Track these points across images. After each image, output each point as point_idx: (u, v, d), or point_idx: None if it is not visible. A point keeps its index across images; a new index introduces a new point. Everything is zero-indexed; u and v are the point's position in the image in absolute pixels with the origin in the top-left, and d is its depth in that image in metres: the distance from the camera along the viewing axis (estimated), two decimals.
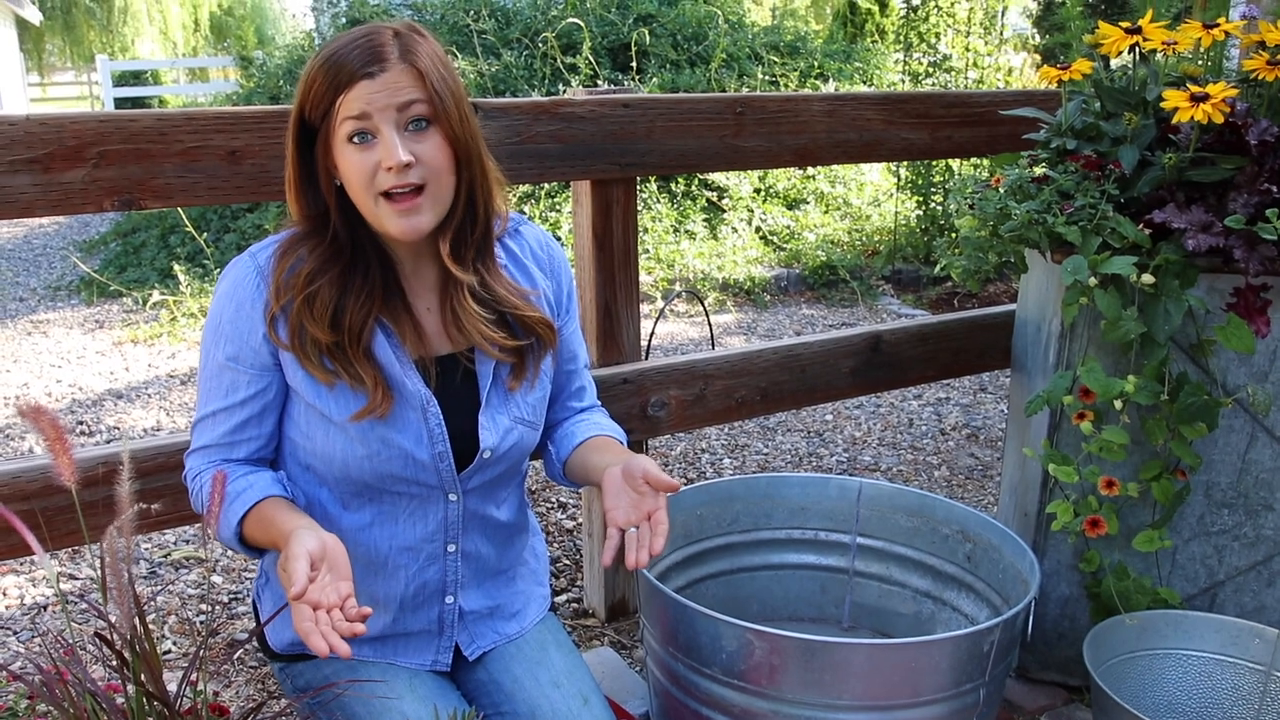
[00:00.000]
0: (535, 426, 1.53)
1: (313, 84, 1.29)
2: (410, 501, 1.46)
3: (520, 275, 1.50)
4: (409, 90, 1.28)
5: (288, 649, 1.55)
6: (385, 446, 1.39)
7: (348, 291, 1.35)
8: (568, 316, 1.59)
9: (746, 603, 2.09)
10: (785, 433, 3.50)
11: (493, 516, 1.55)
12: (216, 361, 1.39)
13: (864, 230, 6.17)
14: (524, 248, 1.53)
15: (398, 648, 1.54)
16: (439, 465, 1.43)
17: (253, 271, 1.37)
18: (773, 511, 2.10)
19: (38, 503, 1.61)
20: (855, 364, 2.34)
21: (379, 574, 1.49)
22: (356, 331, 1.35)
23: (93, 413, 3.82)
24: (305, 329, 1.34)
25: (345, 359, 1.35)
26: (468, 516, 1.51)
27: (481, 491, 1.51)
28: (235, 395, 1.39)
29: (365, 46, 1.28)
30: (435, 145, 1.30)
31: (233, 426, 1.40)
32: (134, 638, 1.23)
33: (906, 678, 1.56)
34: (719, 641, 1.60)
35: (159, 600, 2.37)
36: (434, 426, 1.41)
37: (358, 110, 1.27)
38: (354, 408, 1.36)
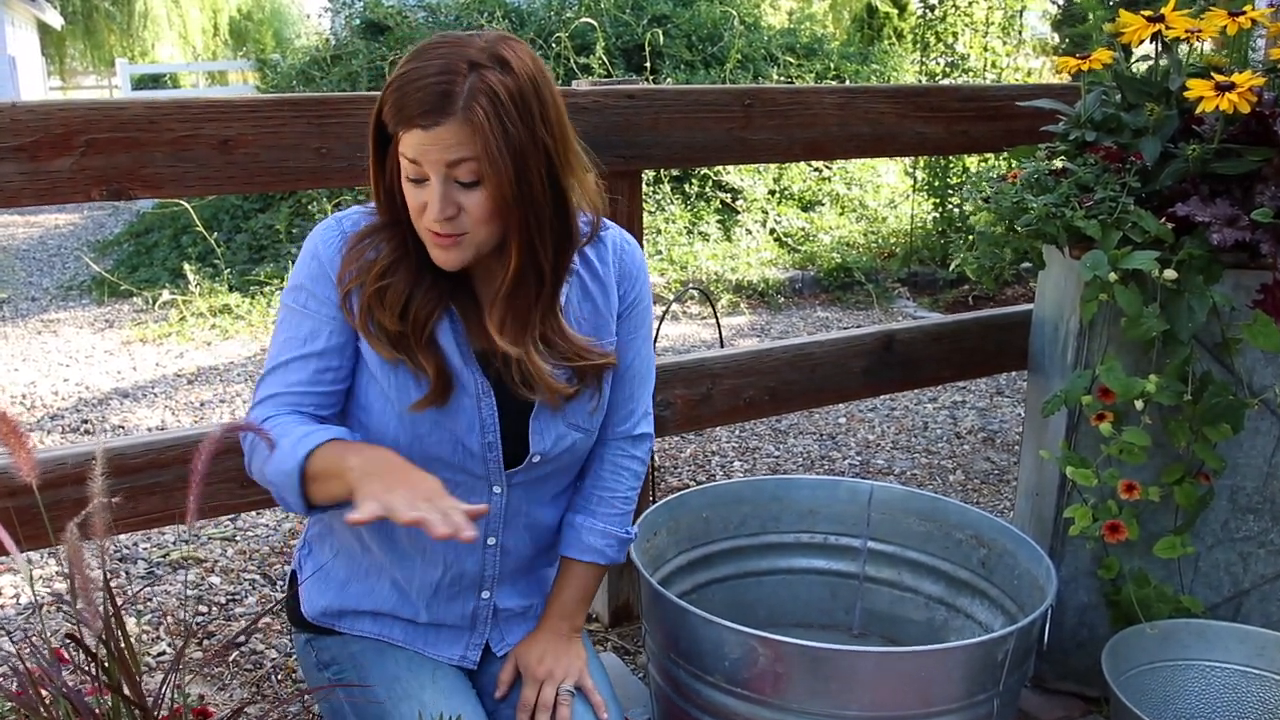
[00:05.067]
0: (590, 434, 1.50)
1: (385, 102, 1.27)
2: (455, 489, 1.41)
3: (596, 291, 1.46)
4: (460, 149, 1.23)
5: (319, 618, 1.54)
6: (437, 429, 1.39)
7: (418, 286, 1.35)
8: (629, 328, 1.52)
9: (754, 608, 2.04)
10: (797, 435, 3.44)
11: (538, 515, 1.53)
12: (301, 308, 1.37)
13: (880, 232, 6.11)
14: (604, 256, 1.47)
15: (428, 638, 1.53)
16: (487, 456, 1.42)
17: (337, 236, 1.38)
18: (781, 514, 2.05)
19: (12, 501, 1.57)
20: (867, 364, 2.28)
21: (417, 559, 1.48)
22: (422, 323, 1.35)
23: (98, 411, 3.79)
24: (374, 315, 1.35)
25: (409, 348, 1.35)
26: (511, 512, 1.49)
27: (528, 488, 1.49)
28: (316, 344, 1.36)
29: (431, 89, 1.22)
30: (480, 202, 1.27)
31: (309, 375, 1.36)
32: (109, 638, 1.18)
33: (917, 687, 1.50)
34: (722, 648, 1.54)
35: (155, 601, 2.33)
36: (487, 417, 1.41)
37: (411, 154, 1.25)
38: (413, 392, 1.37)
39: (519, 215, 1.28)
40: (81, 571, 1.10)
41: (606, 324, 1.48)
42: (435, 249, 1.30)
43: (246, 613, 2.27)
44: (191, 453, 1.69)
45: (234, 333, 4.82)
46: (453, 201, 1.26)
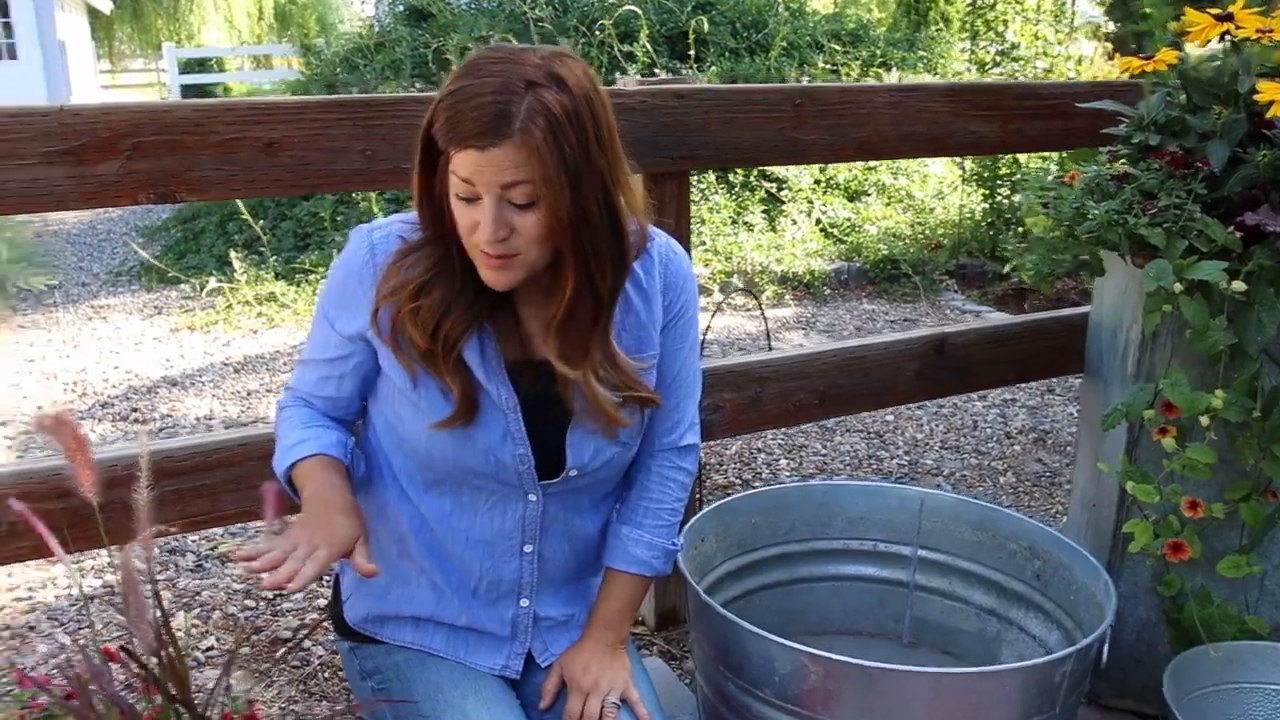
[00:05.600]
0: (630, 448, 1.48)
1: (436, 117, 1.24)
2: (490, 496, 1.44)
3: (639, 303, 1.44)
4: (516, 171, 1.21)
5: (361, 624, 1.55)
6: (468, 442, 1.38)
7: (455, 304, 1.33)
8: (674, 338, 1.49)
9: (803, 614, 2.01)
10: (844, 433, 3.40)
11: (577, 524, 1.51)
12: (319, 315, 1.45)
13: (927, 223, 6.02)
14: (649, 267, 1.45)
15: (469, 645, 1.52)
16: (519, 467, 1.41)
17: (365, 250, 1.38)
18: (830, 521, 2.02)
19: (62, 504, 1.58)
20: (919, 367, 2.24)
21: (453, 564, 1.48)
22: (452, 343, 1.33)
23: (147, 400, 3.83)
24: (405, 331, 1.34)
25: (436, 367, 1.34)
26: (549, 520, 1.48)
27: (565, 498, 1.48)
28: (325, 353, 1.44)
29: (487, 109, 1.19)
30: (534, 224, 1.25)
31: (315, 380, 1.46)
32: (160, 649, 1.18)
33: (972, 708, 1.47)
34: (772, 663, 1.52)
35: (204, 595, 2.35)
36: (515, 431, 1.39)
37: (463, 174, 1.23)
38: (441, 409, 1.36)
39: (574, 238, 1.25)
40: (134, 591, 1.10)
41: (649, 336, 1.45)
42: (486, 270, 1.28)
43: (293, 608, 2.28)
44: (238, 456, 1.72)
45: (279, 321, 4.85)
46: (506, 223, 1.23)
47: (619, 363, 1.38)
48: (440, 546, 1.48)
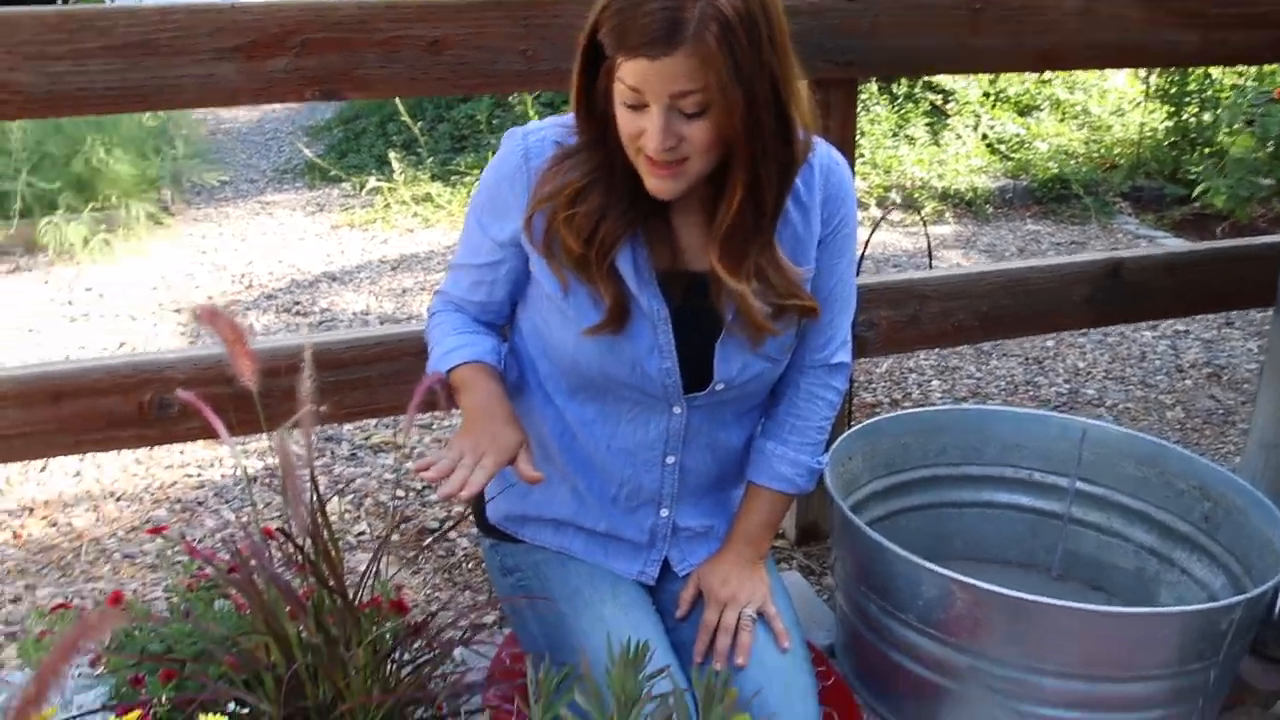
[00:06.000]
0: (779, 363, 1.45)
1: (601, 22, 1.20)
2: (634, 407, 1.44)
3: (797, 215, 1.39)
4: (688, 81, 1.17)
5: (502, 523, 1.57)
6: (613, 352, 1.37)
7: (610, 211, 1.31)
8: (831, 253, 1.44)
9: (949, 540, 1.96)
10: (1001, 357, 3.27)
11: (720, 436, 1.50)
12: (471, 221, 1.45)
13: (1103, 141, 5.68)
14: (809, 179, 1.39)
15: (608, 550, 1.53)
16: (665, 381, 1.40)
17: (519, 154, 1.37)
18: (984, 446, 1.95)
19: (227, 388, 1.64)
20: (1089, 292, 2.12)
21: (595, 471, 1.49)
22: (606, 249, 1.32)
23: (308, 294, 3.97)
24: (558, 237, 1.32)
25: (589, 273, 1.33)
26: (692, 432, 1.46)
27: (710, 411, 1.46)
28: (477, 258, 1.44)
29: (658, 16, 1.14)
30: (704, 132, 1.21)
31: (468, 285, 1.47)
32: (315, 535, 1.22)
33: (1126, 650, 1.41)
34: (917, 587, 1.48)
35: (357, 482, 2.44)
36: (664, 344, 1.37)
37: (631, 82, 1.19)
38: (591, 316, 1.35)
39: (744, 145, 1.21)
40: (289, 470, 1.14)
41: (805, 250, 1.40)
42: (652, 179, 1.25)
43: (441, 501, 2.35)
44: (395, 351, 1.75)
45: (435, 221, 4.95)
46: (675, 132, 1.19)
47: (783, 269, 1.34)
48: (582, 453, 1.49)
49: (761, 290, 1.33)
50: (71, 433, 1.66)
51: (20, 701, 0.70)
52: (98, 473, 2.56)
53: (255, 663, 1.23)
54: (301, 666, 1.19)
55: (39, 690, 0.70)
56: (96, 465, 2.60)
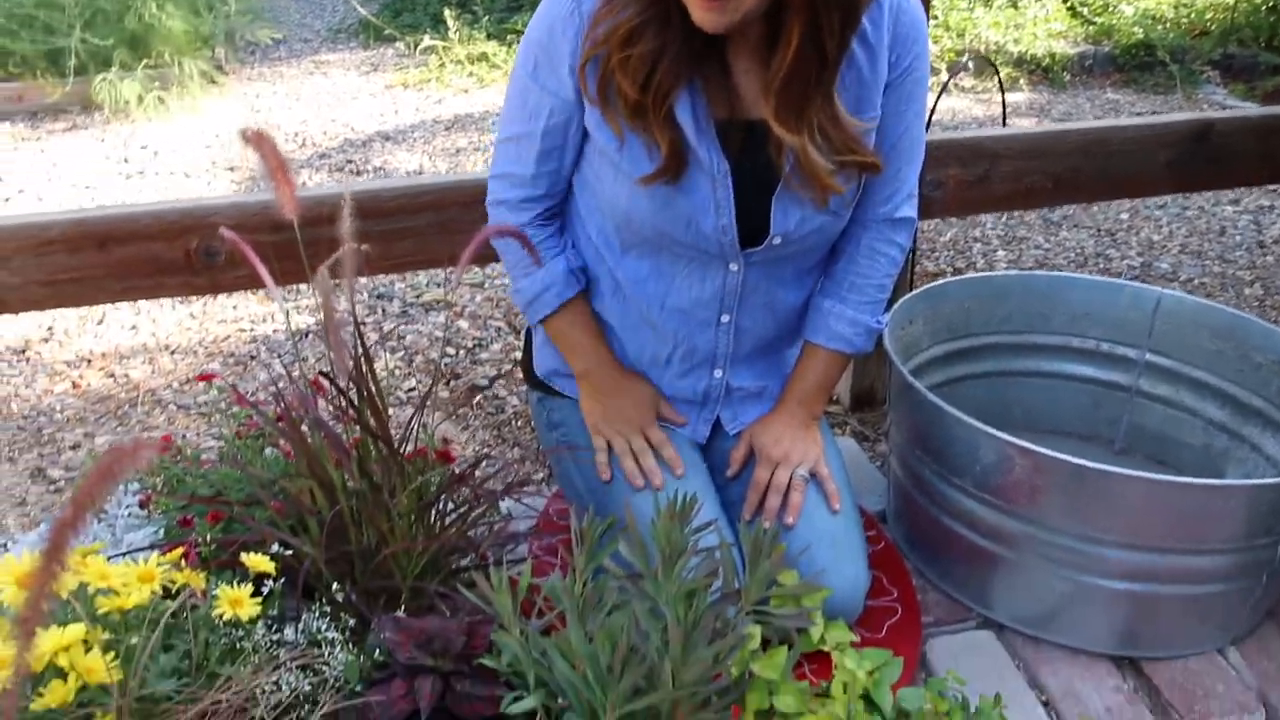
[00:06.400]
0: (840, 217, 1.38)
1: None
2: (689, 264, 1.39)
3: (863, 57, 1.29)
4: None
5: (550, 378, 1.57)
6: (668, 207, 1.32)
7: (665, 52, 1.24)
8: (898, 98, 1.35)
9: (1009, 409, 1.90)
10: (1071, 228, 3.15)
11: (778, 295, 1.45)
12: (524, 80, 1.36)
13: (1194, 6, 5.36)
14: (876, 17, 1.29)
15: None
16: (721, 238, 1.34)
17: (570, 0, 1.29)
18: (1050, 314, 1.87)
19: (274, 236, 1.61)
20: (1173, 156, 2.00)
21: (648, 330, 1.46)
22: (663, 94, 1.25)
23: (361, 153, 3.92)
24: (614, 83, 1.26)
25: (646, 120, 1.26)
26: (748, 290, 1.42)
27: (768, 267, 1.40)
28: (538, 122, 1.36)
29: None
30: None
31: (536, 156, 1.38)
32: (359, 380, 1.20)
33: (1191, 522, 1.36)
34: (975, 452, 1.44)
35: (408, 339, 2.43)
36: (722, 199, 1.31)
37: None
38: (645, 167, 1.29)
39: None
40: (330, 314, 1.10)
41: (870, 95, 1.31)
42: (698, 9, 1.16)
43: (491, 359, 2.34)
44: (444, 200, 1.71)
45: (489, 81, 4.84)
46: None
47: (841, 124, 1.26)
48: (634, 313, 1.45)
49: (818, 146, 1.25)
50: (119, 278, 1.64)
51: (57, 524, 0.68)
52: (153, 326, 2.58)
53: (300, 507, 1.23)
54: (345, 511, 1.19)
55: (75, 513, 0.68)
56: (152, 320, 2.61)
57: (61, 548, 0.64)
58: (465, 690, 0.90)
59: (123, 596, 0.95)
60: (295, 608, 1.16)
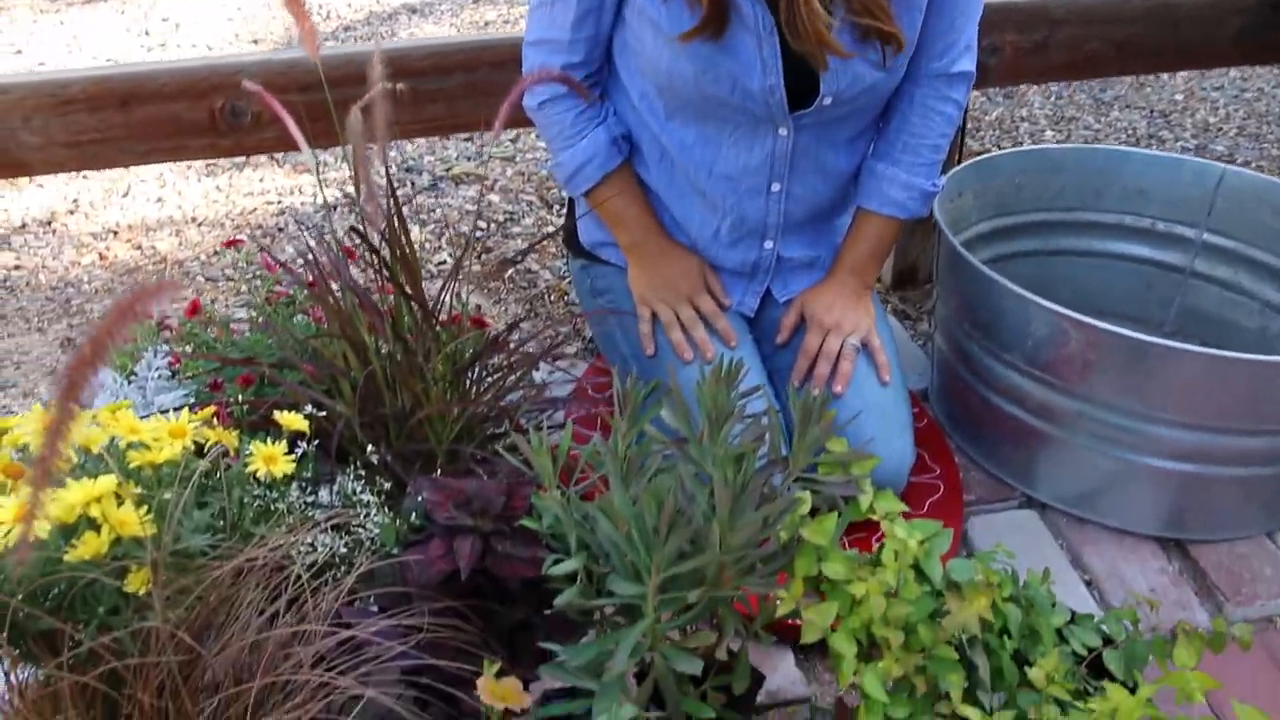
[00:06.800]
0: (893, 74, 1.31)
1: None
2: (736, 129, 1.33)
3: None
4: None
5: (596, 248, 1.53)
6: (712, 68, 1.25)
7: None
8: None
9: (1057, 289, 1.83)
10: (1122, 108, 3.03)
11: (829, 160, 1.38)
12: None
13: None
14: None
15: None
16: (768, 99, 1.27)
17: None
18: (1105, 191, 1.80)
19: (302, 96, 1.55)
20: (1245, 23, 1.89)
21: (696, 198, 1.41)
22: None
23: (387, 26, 3.82)
24: None
25: None
26: (799, 155, 1.35)
27: (818, 130, 1.34)
28: None
29: None
30: None
31: (573, 20, 1.32)
32: (392, 238, 1.16)
33: (1248, 402, 1.31)
34: (1027, 326, 1.39)
35: (438, 213, 2.38)
36: (768, 57, 1.24)
37: None
38: (685, 23, 1.22)
39: None
40: (364, 165, 1.06)
41: None
42: None
43: (523, 233, 2.29)
44: (475, 61, 1.64)
45: None
46: None
47: None
48: (681, 181, 1.40)
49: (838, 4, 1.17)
50: (142, 139, 1.60)
51: (74, 360, 0.64)
52: (179, 199, 2.54)
53: (333, 370, 1.20)
54: (379, 373, 1.16)
55: (93, 350, 0.65)
56: (177, 192, 2.57)
57: (79, 384, 0.60)
58: (505, 551, 0.88)
59: (154, 451, 0.92)
60: (329, 471, 1.14)
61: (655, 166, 1.41)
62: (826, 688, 1.25)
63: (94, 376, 0.64)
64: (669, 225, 1.46)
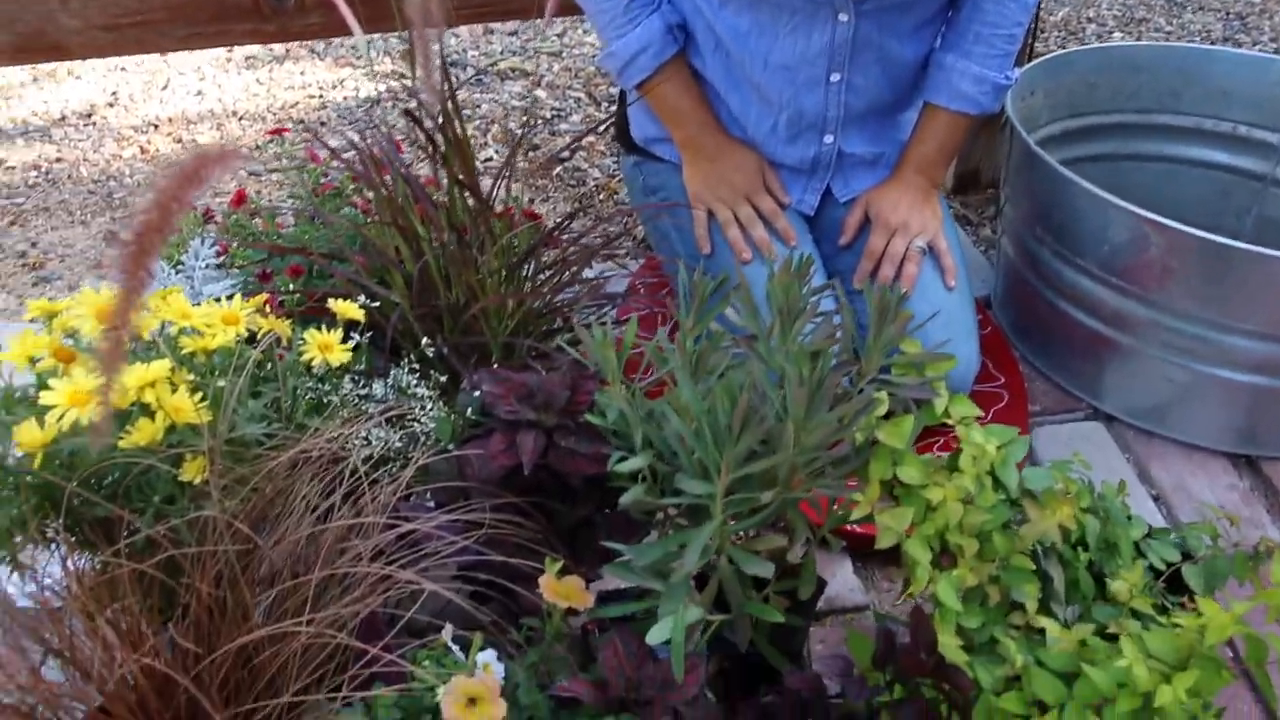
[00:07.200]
0: None
1: None
2: (793, 16, 1.26)
3: None
4: None
5: (649, 143, 1.48)
6: None
7: None
8: None
9: (1127, 195, 1.75)
10: (1196, 10, 2.89)
11: (893, 50, 1.31)
12: None
13: None
14: None
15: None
16: None
17: None
18: (1184, 92, 1.71)
19: None
20: None
21: (752, 90, 1.34)
22: None
23: None
24: None
25: None
26: (860, 44, 1.28)
27: (881, 17, 1.26)
28: None
29: None
30: None
31: None
32: (446, 124, 1.11)
33: None
34: (1105, 230, 1.32)
35: (483, 109, 2.32)
36: None
37: None
38: None
39: None
40: (423, 44, 1.00)
41: None
42: None
43: (571, 130, 2.22)
44: None
45: None
46: None
47: None
48: (737, 72, 1.33)
49: None
50: (182, 23, 1.55)
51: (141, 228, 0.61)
52: (219, 92, 2.48)
53: (385, 260, 1.16)
54: (432, 264, 1.12)
55: (161, 217, 0.61)
56: (217, 85, 2.51)
57: (147, 254, 0.57)
58: (569, 447, 0.85)
59: (207, 338, 0.89)
60: (382, 365, 1.11)
61: (710, 57, 1.34)
62: (884, 595, 1.23)
63: (161, 246, 0.60)
64: (725, 119, 1.40)
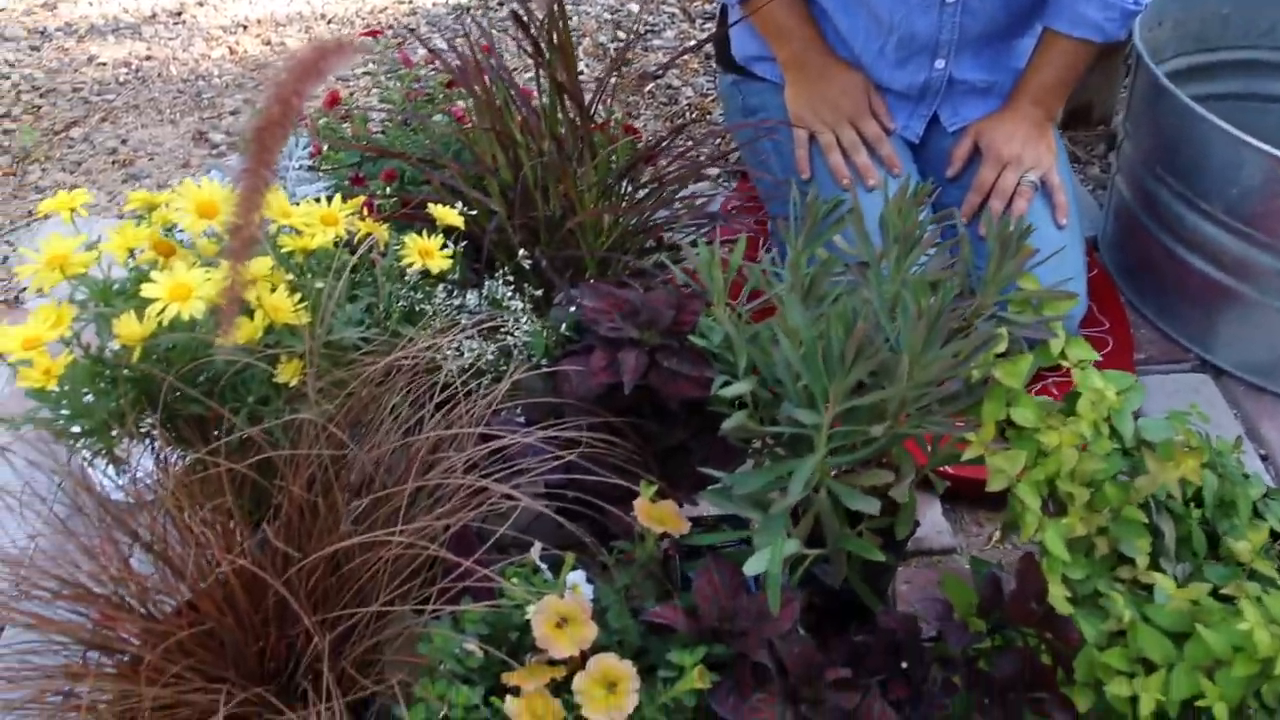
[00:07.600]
0: None
1: None
2: None
3: None
4: None
5: (749, 62, 1.44)
6: None
7: None
8: None
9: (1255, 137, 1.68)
10: None
11: None
12: None
13: None
14: None
15: None
16: None
17: None
18: None
19: None
20: None
21: (863, 9, 1.29)
22: None
23: None
24: None
25: None
26: None
27: None
28: None
29: None
30: None
31: None
32: (551, 26, 1.07)
33: None
34: (1236, 171, 1.25)
35: (573, 21, 2.26)
36: None
37: None
38: None
39: None
40: None
41: None
42: None
43: (664, 46, 2.16)
44: None
45: None
46: None
47: None
48: None
49: None
50: None
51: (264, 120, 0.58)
52: None
53: (482, 167, 1.13)
54: (529, 174, 1.09)
55: (281, 110, 0.59)
56: None
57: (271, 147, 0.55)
58: (672, 368, 0.82)
59: (306, 237, 0.88)
60: (476, 276, 1.09)
61: None
62: (973, 539, 1.19)
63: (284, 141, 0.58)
64: (832, 39, 1.34)
